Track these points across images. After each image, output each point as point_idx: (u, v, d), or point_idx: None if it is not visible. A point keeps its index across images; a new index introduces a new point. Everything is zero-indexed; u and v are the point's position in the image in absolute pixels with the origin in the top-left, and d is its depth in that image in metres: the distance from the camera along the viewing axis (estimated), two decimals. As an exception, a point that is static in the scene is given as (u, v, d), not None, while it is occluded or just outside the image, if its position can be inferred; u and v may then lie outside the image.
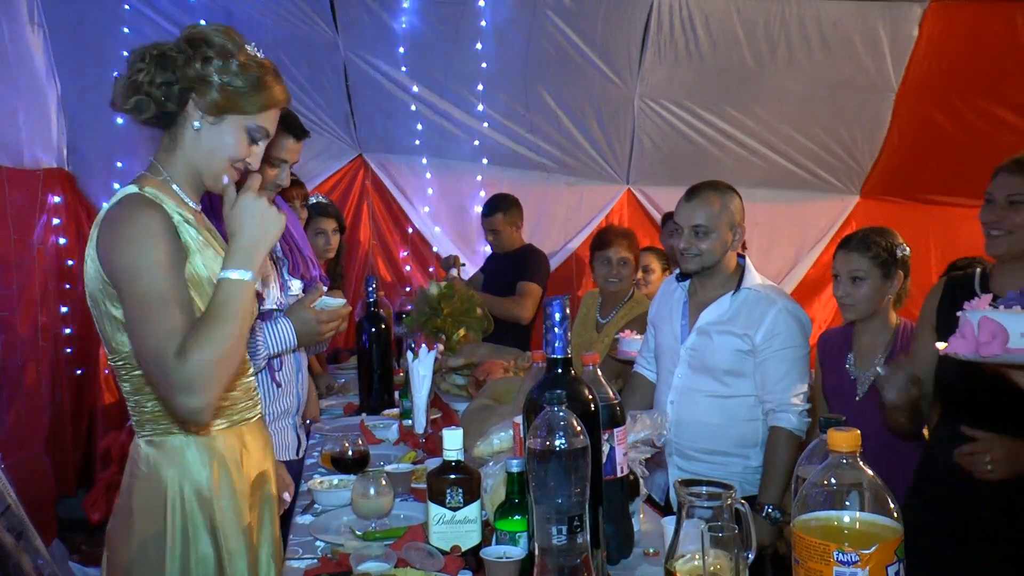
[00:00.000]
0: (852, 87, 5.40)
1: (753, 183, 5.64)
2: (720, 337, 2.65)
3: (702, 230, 2.63)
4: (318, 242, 4.22)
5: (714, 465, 2.64)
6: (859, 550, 1.07)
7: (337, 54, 5.22)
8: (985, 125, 5.71)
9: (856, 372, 2.72)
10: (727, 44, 5.13)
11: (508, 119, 5.43)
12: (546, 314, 1.49)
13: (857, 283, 2.64)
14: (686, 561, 1.39)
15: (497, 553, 1.61)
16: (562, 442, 1.33)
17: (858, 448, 1.14)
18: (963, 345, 1.27)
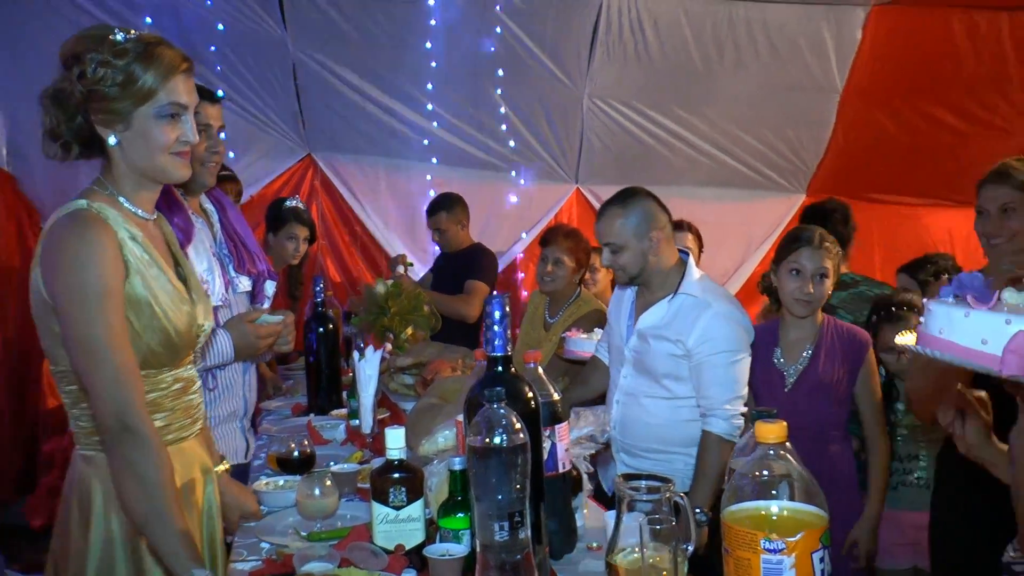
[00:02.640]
0: (798, 88, 5.50)
1: (701, 182, 5.74)
2: (656, 342, 2.64)
3: (614, 247, 2.63)
4: (288, 247, 4.21)
5: (658, 462, 2.64)
6: (785, 538, 1.09)
7: (286, 52, 5.17)
8: (926, 126, 5.87)
9: (784, 366, 2.77)
10: (675, 46, 5.19)
11: (458, 118, 5.44)
12: (486, 312, 1.50)
13: (822, 280, 2.71)
14: (627, 554, 1.41)
15: (440, 551, 1.61)
16: (501, 439, 1.34)
17: (785, 439, 1.16)
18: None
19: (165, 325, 1.70)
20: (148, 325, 1.68)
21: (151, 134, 1.66)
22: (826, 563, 1.12)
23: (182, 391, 1.81)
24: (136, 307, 1.66)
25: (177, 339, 1.74)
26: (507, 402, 1.38)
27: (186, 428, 1.82)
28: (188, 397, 1.83)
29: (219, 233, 2.68)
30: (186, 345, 1.80)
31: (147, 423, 1.62)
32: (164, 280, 1.71)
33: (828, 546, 1.13)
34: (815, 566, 1.10)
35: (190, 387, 1.84)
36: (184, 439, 1.81)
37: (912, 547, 3.01)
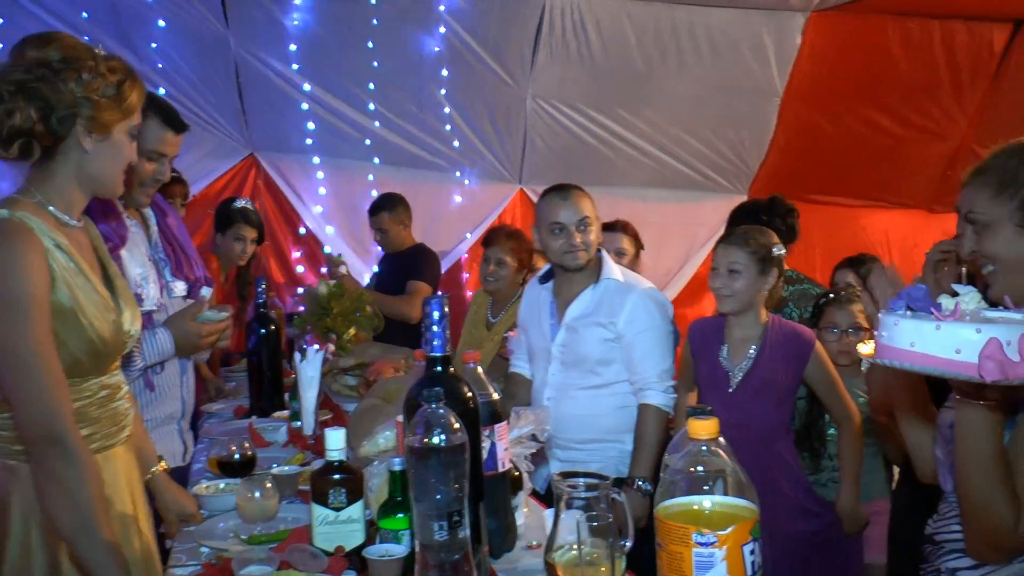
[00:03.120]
0: (739, 91, 5.60)
1: (644, 183, 5.80)
2: (587, 329, 2.77)
3: (587, 221, 2.76)
4: (235, 247, 4.17)
5: (591, 452, 2.77)
6: (716, 531, 1.11)
7: (228, 50, 5.11)
8: (863, 129, 6.02)
9: (729, 365, 2.78)
10: (618, 47, 5.24)
11: (401, 118, 5.42)
12: (424, 313, 1.50)
13: (734, 275, 2.72)
14: (564, 552, 1.42)
15: (380, 552, 1.60)
16: (440, 439, 1.34)
17: (717, 435, 1.18)
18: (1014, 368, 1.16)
19: (90, 334, 1.68)
20: (73, 334, 1.66)
21: (123, 150, 1.74)
22: (756, 555, 1.14)
23: (108, 398, 1.78)
24: (61, 316, 1.64)
25: (103, 347, 1.72)
26: (446, 402, 1.38)
27: (112, 436, 1.79)
28: (115, 404, 1.80)
29: (155, 237, 2.65)
30: (113, 352, 1.78)
31: (75, 434, 1.59)
32: (90, 288, 1.69)
33: (758, 538, 1.15)
34: (745, 558, 1.13)
35: (116, 393, 1.81)
36: (110, 447, 1.78)
37: None
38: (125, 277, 2.41)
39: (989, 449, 1.39)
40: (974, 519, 1.46)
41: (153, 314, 2.52)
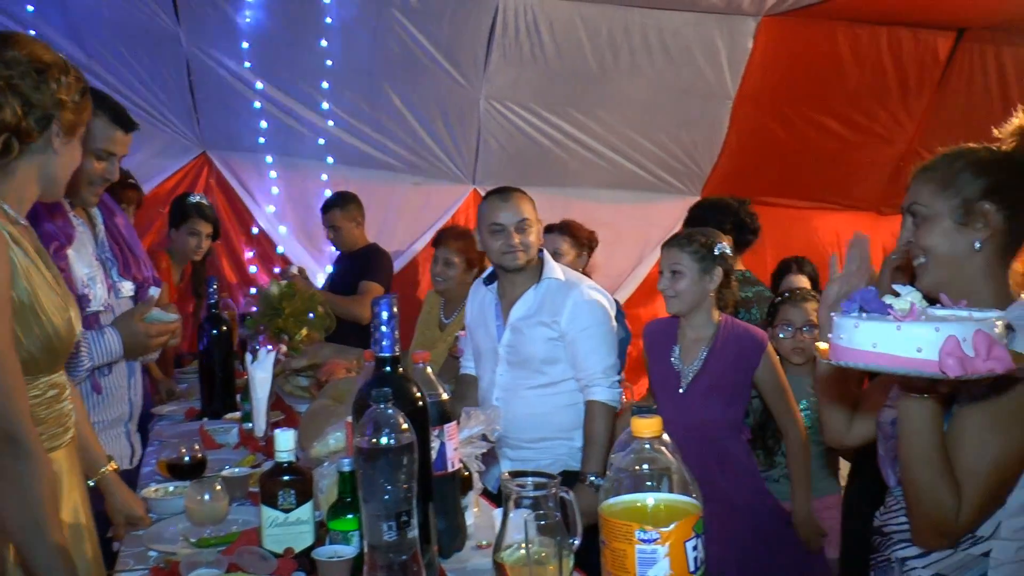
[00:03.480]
0: (692, 94, 5.65)
1: (598, 184, 5.84)
2: (531, 329, 2.81)
3: (527, 223, 2.80)
4: (190, 242, 4.14)
5: (541, 450, 2.81)
6: (659, 528, 1.13)
7: (179, 48, 5.03)
8: (813, 132, 6.12)
9: (680, 365, 2.81)
10: (571, 49, 5.26)
11: (354, 118, 5.38)
12: (373, 313, 1.50)
13: (677, 276, 2.75)
14: (513, 551, 1.42)
15: (329, 553, 1.60)
16: (388, 439, 1.34)
17: (660, 433, 1.20)
18: (971, 364, 1.21)
19: (48, 330, 1.65)
20: (30, 330, 1.63)
21: (77, 154, 1.76)
22: (699, 551, 1.16)
23: (55, 398, 1.74)
24: (20, 311, 1.61)
25: (59, 344, 1.69)
26: (394, 402, 1.38)
27: (57, 437, 1.75)
28: (60, 404, 1.77)
29: (102, 236, 2.61)
30: (65, 350, 1.75)
31: (32, 433, 1.56)
32: (45, 283, 1.66)
33: (701, 534, 1.17)
34: (688, 554, 1.15)
35: (62, 393, 1.78)
36: (55, 448, 1.74)
37: None
38: (72, 277, 2.38)
39: (932, 440, 1.44)
40: (919, 508, 1.51)
41: (100, 315, 2.49)
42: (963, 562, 1.55)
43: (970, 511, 1.47)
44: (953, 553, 1.55)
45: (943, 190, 1.61)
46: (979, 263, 1.60)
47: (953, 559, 1.56)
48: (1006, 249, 1.62)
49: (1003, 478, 1.48)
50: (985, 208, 1.58)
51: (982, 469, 1.46)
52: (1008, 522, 1.52)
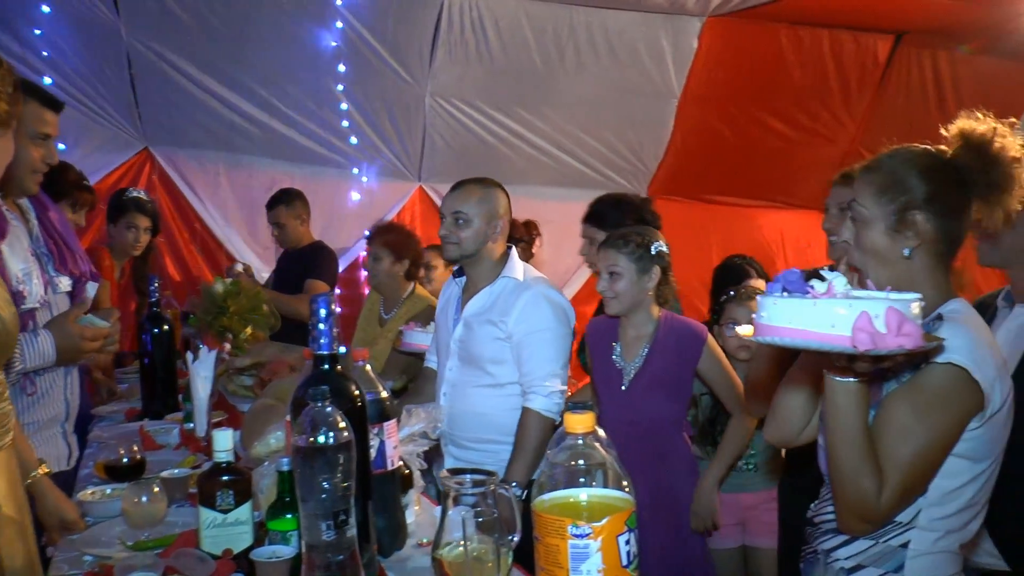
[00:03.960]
0: (638, 92, 5.71)
1: (544, 182, 5.87)
2: (481, 327, 2.75)
3: (461, 218, 2.73)
4: (128, 236, 4.07)
5: (486, 453, 2.72)
6: (592, 523, 1.13)
7: (119, 40, 4.94)
8: (757, 131, 6.22)
9: (622, 363, 2.82)
10: (517, 46, 5.29)
11: (299, 114, 5.35)
12: (311, 311, 1.49)
13: (615, 278, 2.76)
14: (451, 548, 1.42)
15: (267, 553, 1.58)
16: (325, 438, 1.33)
17: (593, 429, 1.21)
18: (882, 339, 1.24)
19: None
20: None
21: (11, 144, 1.74)
22: (632, 545, 1.17)
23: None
24: None
25: (6, 338, 1.65)
26: (332, 401, 1.37)
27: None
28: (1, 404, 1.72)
29: (36, 231, 2.54)
30: (10, 346, 1.70)
31: None
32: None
33: (634, 528, 1.18)
34: (621, 548, 1.15)
35: (4, 392, 1.73)
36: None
37: (741, 527, 3.19)
38: (6, 273, 2.32)
39: (855, 424, 1.46)
40: (842, 492, 1.53)
41: (36, 311, 2.42)
42: (883, 552, 1.58)
43: (891, 497, 1.49)
44: (874, 544, 1.59)
45: (880, 195, 1.64)
46: (915, 267, 1.63)
47: (874, 550, 1.59)
48: (943, 253, 1.64)
49: (924, 466, 1.51)
50: (916, 218, 1.60)
51: (904, 456, 1.48)
52: (928, 511, 1.56)
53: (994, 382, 1.51)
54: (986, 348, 1.54)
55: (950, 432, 1.51)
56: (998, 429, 1.56)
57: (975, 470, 1.56)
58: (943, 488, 1.55)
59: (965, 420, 1.52)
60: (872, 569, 1.60)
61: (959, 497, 1.56)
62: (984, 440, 1.55)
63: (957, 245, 1.66)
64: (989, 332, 1.62)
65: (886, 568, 1.58)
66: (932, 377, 1.51)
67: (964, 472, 1.55)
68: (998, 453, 1.59)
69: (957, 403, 1.50)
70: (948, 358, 1.49)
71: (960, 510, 1.57)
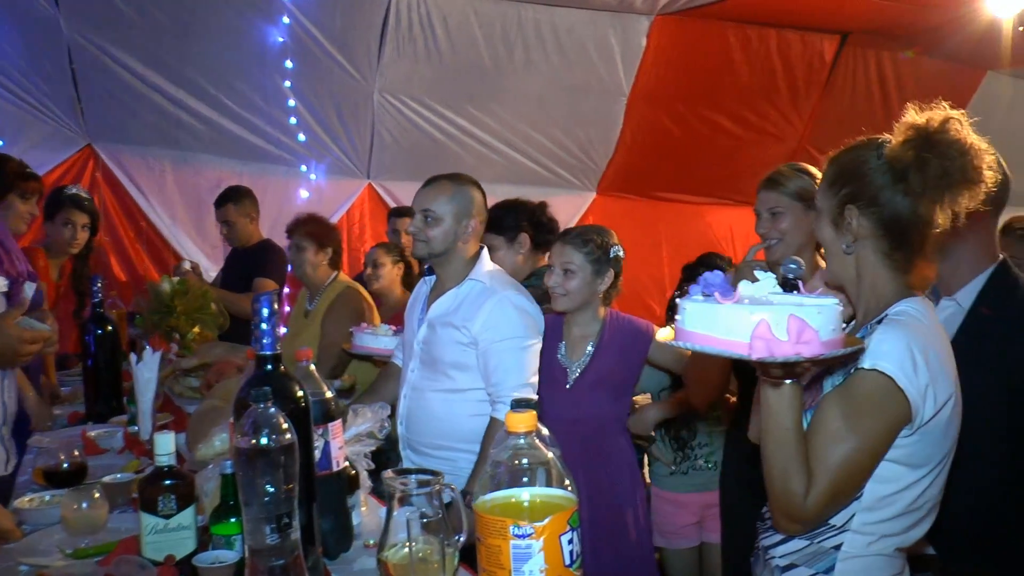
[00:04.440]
0: (587, 90, 5.73)
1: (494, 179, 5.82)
2: (443, 330, 2.62)
3: (430, 215, 2.61)
4: (64, 233, 3.96)
5: (443, 460, 2.58)
6: (533, 523, 1.13)
7: (59, 34, 4.81)
8: (706, 130, 6.29)
9: (567, 362, 2.80)
10: (465, 43, 5.28)
11: (247, 110, 5.28)
12: (254, 310, 1.46)
13: (569, 275, 2.72)
14: (397, 550, 1.42)
15: (210, 559, 1.56)
16: (268, 440, 1.31)
17: (535, 428, 1.20)
18: (779, 347, 1.25)
19: None
20: None
21: None
22: (575, 544, 1.17)
23: None
24: None
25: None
26: (275, 401, 1.36)
27: None
28: None
29: (-32, 231, 2.47)
30: None
31: None
32: None
33: (577, 527, 1.18)
34: (563, 548, 1.15)
35: None
36: None
37: (699, 525, 3.22)
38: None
39: (784, 423, 1.46)
40: (772, 490, 1.53)
41: (-31, 316, 2.35)
42: (815, 553, 1.58)
43: (819, 499, 1.47)
44: (808, 544, 1.58)
45: (829, 187, 1.63)
46: (860, 263, 1.61)
47: (807, 550, 1.59)
48: (891, 252, 1.59)
49: (853, 471, 1.49)
50: (848, 213, 1.59)
51: (833, 460, 1.47)
52: (861, 515, 1.54)
53: (926, 391, 1.48)
54: (922, 354, 1.49)
55: (879, 439, 1.49)
56: (936, 437, 1.53)
57: (912, 476, 1.54)
58: (877, 493, 1.53)
59: (894, 428, 1.50)
60: (804, 569, 1.59)
61: (895, 502, 1.54)
62: (920, 448, 1.52)
63: (911, 246, 1.58)
64: (937, 337, 1.57)
65: (817, 568, 1.57)
66: (860, 383, 1.49)
67: (900, 478, 1.53)
68: (942, 459, 1.56)
69: (884, 411, 1.48)
70: (875, 364, 1.47)
71: (897, 515, 1.55)
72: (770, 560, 1.66)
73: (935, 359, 1.51)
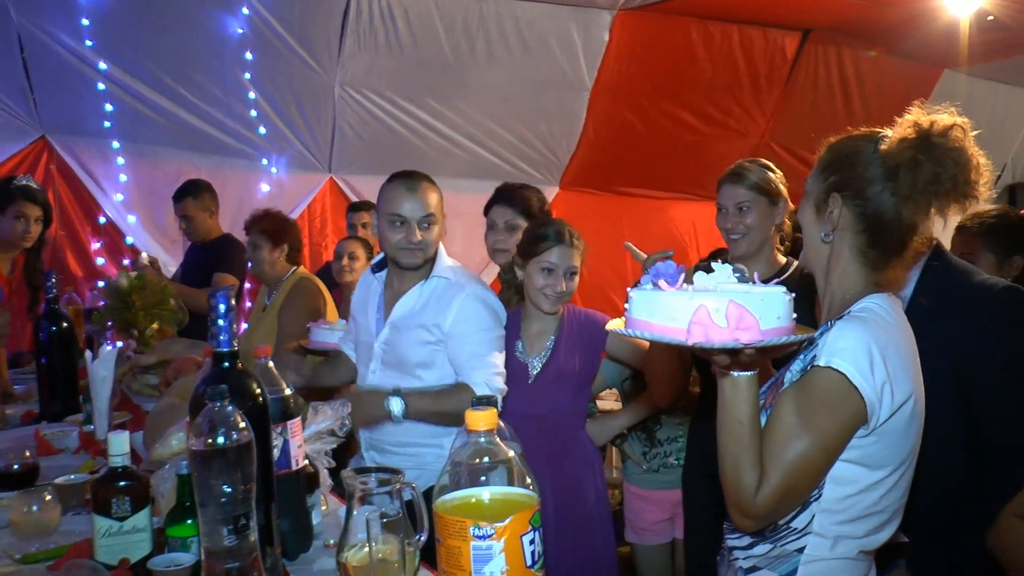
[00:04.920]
0: (549, 84, 5.72)
1: (456, 174, 5.81)
2: (409, 331, 2.57)
3: (431, 220, 2.54)
4: (16, 227, 3.82)
5: (409, 457, 2.55)
6: (494, 523, 1.11)
7: (8, 21, 4.69)
8: (669, 125, 6.31)
9: (525, 358, 2.78)
10: (427, 37, 5.25)
11: (206, 102, 5.18)
12: (210, 306, 1.43)
13: (575, 277, 2.71)
14: (356, 551, 1.39)
15: (165, 562, 1.52)
16: (224, 439, 1.29)
17: (495, 426, 1.19)
18: (716, 333, 1.24)
19: None
20: None
21: None
22: (536, 544, 1.15)
23: None
24: None
25: None
26: (232, 399, 1.33)
27: None
28: None
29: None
30: None
31: None
32: None
33: (539, 527, 1.16)
34: (525, 548, 1.13)
35: None
36: None
37: (671, 521, 3.23)
38: None
39: (737, 415, 1.44)
40: (724, 483, 1.51)
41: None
42: (779, 555, 1.56)
43: (770, 495, 1.45)
44: (772, 548, 1.57)
45: (819, 172, 1.61)
46: (834, 254, 1.59)
47: (771, 553, 1.57)
48: (865, 248, 1.57)
49: (806, 469, 1.46)
50: (832, 201, 1.57)
51: (787, 457, 1.45)
52: (822, 516, 1.52)
53: (882, 389, 1.45)
54: (880, 352, 1.46)
55: (832, 438, 1.47)
56: (895, 438, 1.51)
57: (872, 477, 1.51)
58: (836, 494, 1.51)
59: (849, 427, 1.47)
60: (767, 572, 1.57)
61: (856, 504, 1.52)
62: (878, 448, 1.50)
63: (888, 244, 1.56)
64: (901, 335, 1.54)
65: (780, 572, 1.56)
66: (815, 380, 1.47)
67: (859, 479, 1.51)
68: (903, 461, 1.54)
69: (838, 409, 1.46)
70: (829, 361, 1.45)
71: (858, 517, 1.53)
72: (735, 561, 1.64)
73: (895, 357, 1.49)
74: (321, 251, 5.65)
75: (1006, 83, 6.94)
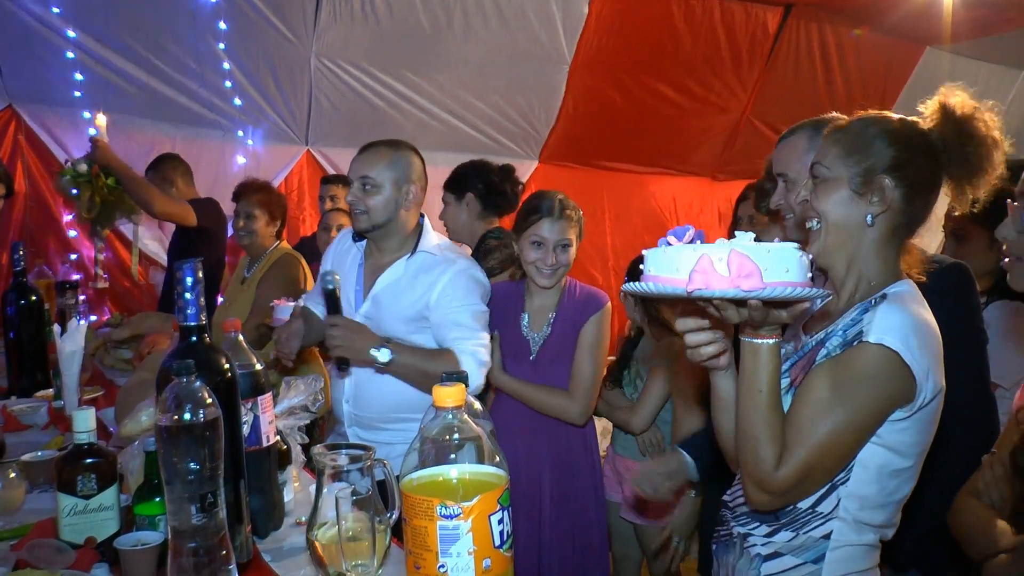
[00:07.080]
0: (528, 57, 5.66)
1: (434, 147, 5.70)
2: (392, 305, 2.54)
3: (369, 183, 2.50)
4: None
5: (395, 432, 2.54)
6: (461, 503, 1.09)
7: (-28, -11, 4.56)
8: (650, 99, 6.27)
9: (529, 333, 2.77)
10: (403, 8, 5.17)
11: (179, 72, 5.08)
12: (176, 279, 1.39)
13: (567, 250, 2.69)
14: (326, 529, 1.37)
15: (132, 541, 1.49)
16: (191, 415, 1.26)
17: (463, 403, 1.16)
18: (717, 280, 1.22)
19: None
20: None
21: None
22: (505, 524, 1.13)
23: None
24: None
25: None
26: (200, 374, 1.30)
27: None
28: None
29: None
30: None
31: None
32: None
33: (508, 506, 1.14)
34: (493, 528, 1.11)
35: None
36: None
37: None
38: None
39: (759, 385, 1.42)
40: (743, 457, 1.49)
41: None
42: (803, 543, 1.54)
43: (792, 471, 1.44)
44: (795, 536, 1.55)
45: (848, 155, 1.57)
46: (869, 237, 1.57)
47: (794, 541, 1.55)
48: (900, 229, 1.58)
49: (834, 446, 1.45)
50: (884, 182, 1.54)
51: (815, 431, 1.43)
52: (847, 501, 1.51)
53: (928, 373, 1.45)
54: (925, 337, 1.46)
55: (869, 414, 1.45)
56: (924, 426, 1.51)
57: (899, 464, 1.51)
58: (864, 478, 1.50)
59: (888, 406, 1.46)
60: (790, 558, 1.56)
61: (880, 491, 1.51)
62: (909, 435, 1.49)
63: (916, 224, 1.60)
64: (933, 322, 1.52)
65: (805, 559, 1.54)
66: (860, 355, 1.45)
67: (887, 465, 1.50)
68: (922, 454, 1.54)
69: (882, 386, 1.44)
70: (880, 339, 1.43)
71: (880, 506, 1.53)
72: (750, 548, 1.61)
73: (935, 346, 1.49)
74: (297, 225, 5.58)
75: (988, 62, 6.92)
